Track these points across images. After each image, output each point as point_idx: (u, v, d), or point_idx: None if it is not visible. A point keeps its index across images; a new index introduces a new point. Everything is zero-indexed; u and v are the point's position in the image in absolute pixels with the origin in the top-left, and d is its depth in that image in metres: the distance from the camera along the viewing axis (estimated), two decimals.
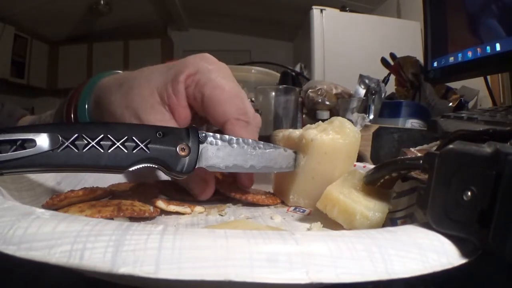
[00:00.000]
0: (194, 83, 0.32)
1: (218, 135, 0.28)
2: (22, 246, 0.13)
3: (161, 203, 0.29)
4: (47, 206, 0.25)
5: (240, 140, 0.29)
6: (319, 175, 0.32)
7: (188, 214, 0.30)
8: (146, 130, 0.25)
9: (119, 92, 0.34)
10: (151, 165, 0.25)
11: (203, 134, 0.27)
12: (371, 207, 0.25)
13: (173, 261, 0.13)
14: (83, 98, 0.38)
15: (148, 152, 0.24)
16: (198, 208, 0.31)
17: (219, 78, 0.33)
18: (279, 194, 0.36)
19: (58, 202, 0.26)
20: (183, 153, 0.26)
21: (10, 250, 0.13)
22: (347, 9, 1.69)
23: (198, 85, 0.32)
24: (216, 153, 0.28)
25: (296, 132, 0.36)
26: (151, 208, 0.27)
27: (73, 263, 0.13)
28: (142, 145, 0.24)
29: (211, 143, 0.27)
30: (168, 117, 0.33)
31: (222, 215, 0.31)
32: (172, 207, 0.29)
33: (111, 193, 0.32)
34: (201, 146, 0.27)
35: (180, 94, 0.32)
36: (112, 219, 0.24)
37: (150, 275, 0.13)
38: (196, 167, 0.27)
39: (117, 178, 0.39)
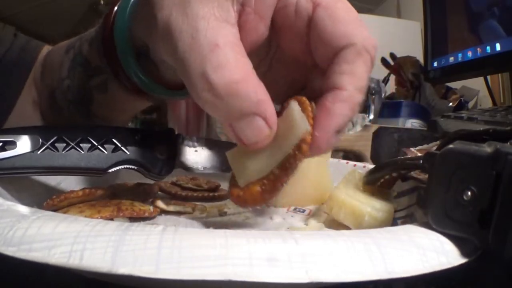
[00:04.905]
0: None
1: (195, 138, 0.29)
2: (22, 247, 0.13)
3: (160, 203, 0.29)
4: (47, 207, 0.25)
5: (218, 142, 0.29)
6: None
7: (188, 214, 0.30)
8: (125, 132, 0.25)
9: None
10: (130, 167, 0.25)
11: (181, 137, 0.28)
12: (378, 208, 0.24)
13: (173, 261, 0.13)
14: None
15: (128, 153, 0.25)
16: (198, 208, 0.31)
17: None
18: None
19: (58, 203, 0.26)
20: (161, 155, 0.26)
21: (10, 251, 0.13)
22: None
23: None
24: (194, 155, 0.28)
25: None
26: (151, 208, 0.27)
27: (73, 263, 0.13)
28: (121, 147, 0.24)
29: (188, 146, 0.28)
30: (229, 29, 0.18)
31: (222, 215, 0.31)
32: (172, 207, 0.29)
33: (111, 193, 0.32)
34: (178, 148, 0.27)
35: None
36: (112, 219, 0.24)
37: (150, 275, 0.13)
38: (174, 169, 0.27)
39: (116, 179, 0.39)
